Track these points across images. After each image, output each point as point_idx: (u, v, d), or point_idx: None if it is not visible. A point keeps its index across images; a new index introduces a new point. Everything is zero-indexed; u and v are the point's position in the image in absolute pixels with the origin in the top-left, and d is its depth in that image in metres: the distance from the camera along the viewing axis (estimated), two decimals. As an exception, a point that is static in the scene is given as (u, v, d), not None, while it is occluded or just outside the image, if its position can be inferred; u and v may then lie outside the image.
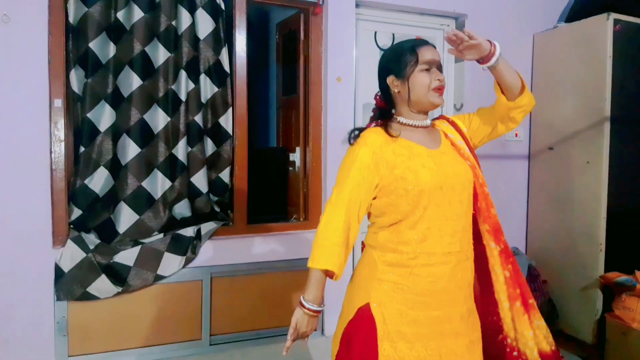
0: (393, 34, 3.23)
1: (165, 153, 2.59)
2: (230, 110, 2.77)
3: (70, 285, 2.41)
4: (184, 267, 2.63)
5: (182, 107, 2.62)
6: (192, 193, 2.71)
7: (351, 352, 1.43)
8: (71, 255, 2.42)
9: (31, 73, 2.36)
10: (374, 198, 1.46)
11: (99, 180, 2.53)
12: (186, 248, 2.63)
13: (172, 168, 2.62)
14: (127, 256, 2.50)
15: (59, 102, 2.45)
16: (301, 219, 3.07)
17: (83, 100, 2.47)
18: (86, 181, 2.50)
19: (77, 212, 2.50)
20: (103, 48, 2.48)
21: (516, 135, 3.47)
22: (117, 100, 2.52)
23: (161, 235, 2.60)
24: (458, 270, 1.46)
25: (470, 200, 1.51)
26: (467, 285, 1.50)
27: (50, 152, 2.44)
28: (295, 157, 3.18)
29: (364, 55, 3.14)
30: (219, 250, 2.72)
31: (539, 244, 3.46)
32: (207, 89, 2.72)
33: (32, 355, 2.39)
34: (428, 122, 1.54)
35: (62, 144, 2.47)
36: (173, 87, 2.60)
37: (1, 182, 2.32)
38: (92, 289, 2.43)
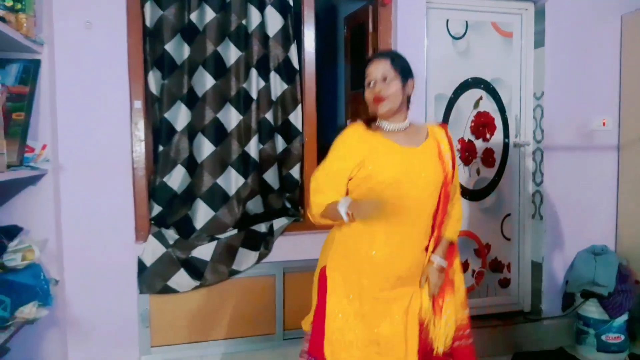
0: (466, 21, 3.10)
1: (238, 151, 2.64)
2: (299, 107, 2.77)
3: (151, 279, 2.52)
4: (257, 262, 2.67)
5: (254, 105, 2.65)
6: (264, 190, 2.75)
7: (318, 300, 1.81)
8: (152, 250, 2.52)
9: (113, 76, 2.48)
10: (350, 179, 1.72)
11: (177, 178, 2.62)
12: (260, 244, 2.67)
13: (245, 165, 2.66)
14: (204, 251, 2.57)
15: (138, 104, 2.55)
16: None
17: (160, 101, 2.56)
18: (165, 179, 2.60)
19: (157, 209, 2.61)
20: (178, 49, 2.56)
21: (604, 124, 3.23)
22: (192, 100, 2.59)
23: (235, 231, 2.65)
24: (410, 259, 1.73)
25: (429, 199, 1.73)
26: (416, 273, 1.76)
27: (132, 152, 2.55)
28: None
29: (435, 45, 3.04)
30: (291, 246, 2.74)
31: (630, 242, 3.20)
32: (277, 86, 2.74)
33: (117, 345, 2.53)
34: (402, 125, 1.76)
35: (142, 143, 2.58)
36: (244, 85, 2.64)
37: (87, 181, 2.46)
38: (172, 282, 2.53)
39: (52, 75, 2.36)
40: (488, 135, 3.18)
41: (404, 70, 1.74)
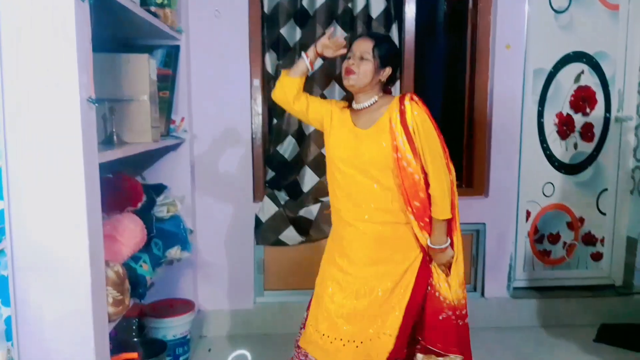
0: (571, -5, 3.08)
1: (341, 123, 2.94)
2: (397, 84, 2.99)
3: (266, 233, 2.95)
4: (356, 223, 2.99)
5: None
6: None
7: None
8: (267, 209, 2.94)
9: (236, 58, 2.87)
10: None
11: (287, 147, 2.99)
12: (358, 207, 2.98)
13: (347, 137, 2.96)
14: (309, 211, 2.94)
15: (257, 82, 2.93)
16: (463, 186, 3.20)
17: (275, 79, 2.90)
18: (278, 148, 2.98)
19: (271, 174, 3.01)
20: (291, 33, 2.88)
21: None
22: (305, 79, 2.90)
23: (337, 195, 2.98)
24: (362, 232, 1.85)
25: (382, 176, 1.80)
26: (373, 244, 1.86)
27: (251, 124, 2.95)
28: (460, 125, 3.29)
29: (536, 20, 3.05)
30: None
31: None
32: (379, 64, 2.97)
33: (236, 287, 3.02)
34: (361, 105, 1.87)
35: (260, 117, 2.97)
36: (349, 64, 2.91)
37: (216, 148, 2.91)
38: (282, 237, 2.94)
39: (188, 59, 2.79)
40: (588, 110, 3.18)
41: (385, 57, 1.81)
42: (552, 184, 3.22)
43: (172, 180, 2.76)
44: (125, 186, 2.15)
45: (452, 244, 1.85)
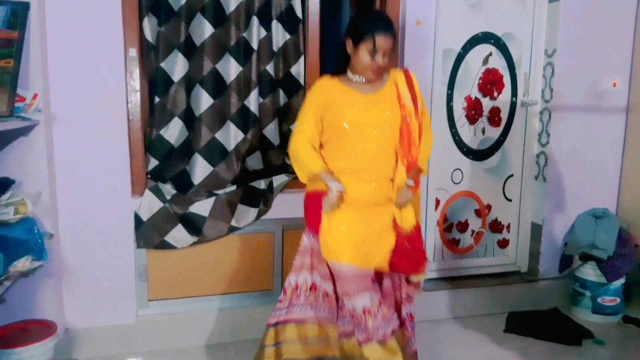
0: (480, -29, 2.93)
1: (238, 104, 2.54)
2: (302, 58, 2.65)
3: (148, 234, 2.48)
4: (257, 219, 2.63)
5: (254, 56, 2.53)
6: (263, 145, 2.67)
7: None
8: (149, 205, 2.47)
9: (106, 21, 2.34)
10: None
11: (173, 131, 2.54)
12: (259, 200, 2.62)
13: (244, 119, 2.57)
14: (202, 207, 2.52)
15: (133, 52, 2.43)
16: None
17: (157, 49, 2.43)
18: (162, 132, 2.52)
19: (153, 163, 2.54)
20: (175, -6, 2.42)
21: (614, 84, 3.13)
22: (190, 49, 2.47)
23: (234, 187, 2.60)
24: (376, 188, 2.00)
25: (388, 138, 1.99)
26: (384, 198, 2.02)
27: (127, 103, 2.45)
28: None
29: (445, -3, 2.88)
30: (291, 203, 2.67)
31: (632, 205, 3.18)
32: (279, 36, 2.61)
33: (114, 299, 2.52)
34: (364, 79, 1.99)
35: (138, 94, 2.47)
36: (245, 34, 2.51)
37: (81, 132, 2.37)
38: (169, 237, 2.49)
39: (42, 20, 2.22)
40: (496, 94, 3.09)
41: (395, 37, 1.95)
42: (461, 170, 3.10)
43: (23, 173, 2.21)
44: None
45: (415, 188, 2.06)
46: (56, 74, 2.30)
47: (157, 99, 2.48)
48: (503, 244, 3.27)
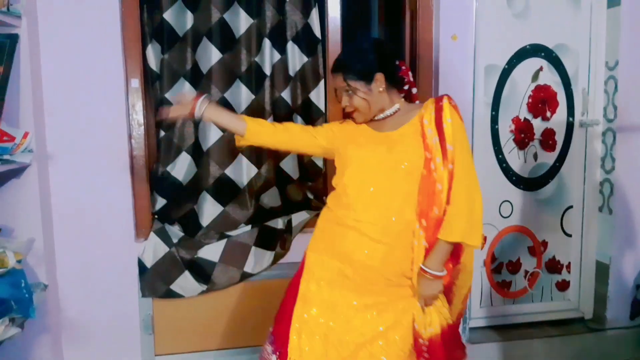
0: (525, -23, 2.58)
1: (250, 136, 2.28)
2: (322, 82, 2.37)
3: (153, 282, 2.24)
4: (273, 263, 2.35)
5: (267, 82, 2.28)
6: (281, 180, 2.39)
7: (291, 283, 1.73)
8: (154, 249, 2.24)
9: (105, 51, 2.15)
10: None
11: (181, 167, 2.31)
12: (276, 242, 2.34)
13: (258, 152, 2.31)
14: (211, 251, 2.26)
15: (135, 82, 2.23)
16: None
17: (161, 78, 2.22)
18: (168, 168, 2.29)
19: (160, 202, 2.31)
20: (179, 18, 2.21)
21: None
22: (197, 77, 2.24)
23: (248, 227, 2.33)
24: (386, 251, 1.55)
25: (406, 187, 1.56)
26: (399, 275, 1.57)
27: (130, 138, 2.24)
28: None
29: (485, 5, 2.53)
30: (313, 245, 2.39)
31: None
32: (296, 59, 2.34)
33: (117, 353, 2.28)
34: (382, 115, 1.65)
35: (142, 128, 2.26)
36: (256, 59, 2.27)
37: (80, 171, 2.18)
38: (175, 286, 2.24)
39: (35, 52, 2.05)
40: (548, 114, 2.69)
41: (364, 72, 1.58)
42: (510, 202, 2.71)
43: (15, 220, 2.03)
44: None
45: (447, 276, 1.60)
46: (52, 110, 2.12)
47: (162, 133, 2.25)
48: (563, 286, 2.83)
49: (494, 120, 2.64)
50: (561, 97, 2.69)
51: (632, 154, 2.66)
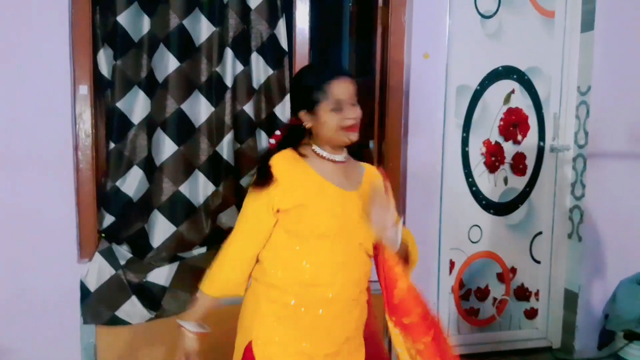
0: (500, -4, 2.53)
1: (209, 151, 2.13)
2: (287, 97, 2.24)
3: (97, 308, 2.05)
4: (230, 288, 2.18)
5: (229, 94, 2.14)
6: (240, 198, 2.24)
7: None
8: (98, 271, 2.05)
9: (51, 54, 1.97)
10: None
11: (132, 182, 2.14)
12: (233, 265, 2.18)
13: (216, 169, 2.16)
14: (161, 275, 2.09)
15: (84, 89, 2.05)
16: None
17: (113, 86, 2.06)
18: (117, 183, 2.12)
19: (109, 219, 2.13)
20: (135, 22, 2.06)
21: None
22: (152, 87, 2.09)
23: (204, 249, 2.17)
24: (344, 313, 1.41)
25: (367, 255, 1.44)
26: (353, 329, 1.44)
27: (75, 149, 2.06)
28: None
29: (459, 25, 2.48)
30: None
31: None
32: (260, 71, 2.21)
33: (54, 386, 2.07)
34: (343, 157, 1.43)
35: (89, 139, 2.08)
36: (218, 69, 2.12)
37: (19, 185, 1.98)
38: (121, 312, 2.05)
39: (-30, 52, 1.86)
40: (520, 137, 2.64)
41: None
42: (480, 227, 2.64)
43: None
44: None
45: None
46: (-14, 116, 1.92)
47: (111, 145, 2.08)
48: (531, 314, 2.76)
49: (465, 143, 2.57)
50: (532, 121, 2.65)
51: (602, 181, 2.63)
